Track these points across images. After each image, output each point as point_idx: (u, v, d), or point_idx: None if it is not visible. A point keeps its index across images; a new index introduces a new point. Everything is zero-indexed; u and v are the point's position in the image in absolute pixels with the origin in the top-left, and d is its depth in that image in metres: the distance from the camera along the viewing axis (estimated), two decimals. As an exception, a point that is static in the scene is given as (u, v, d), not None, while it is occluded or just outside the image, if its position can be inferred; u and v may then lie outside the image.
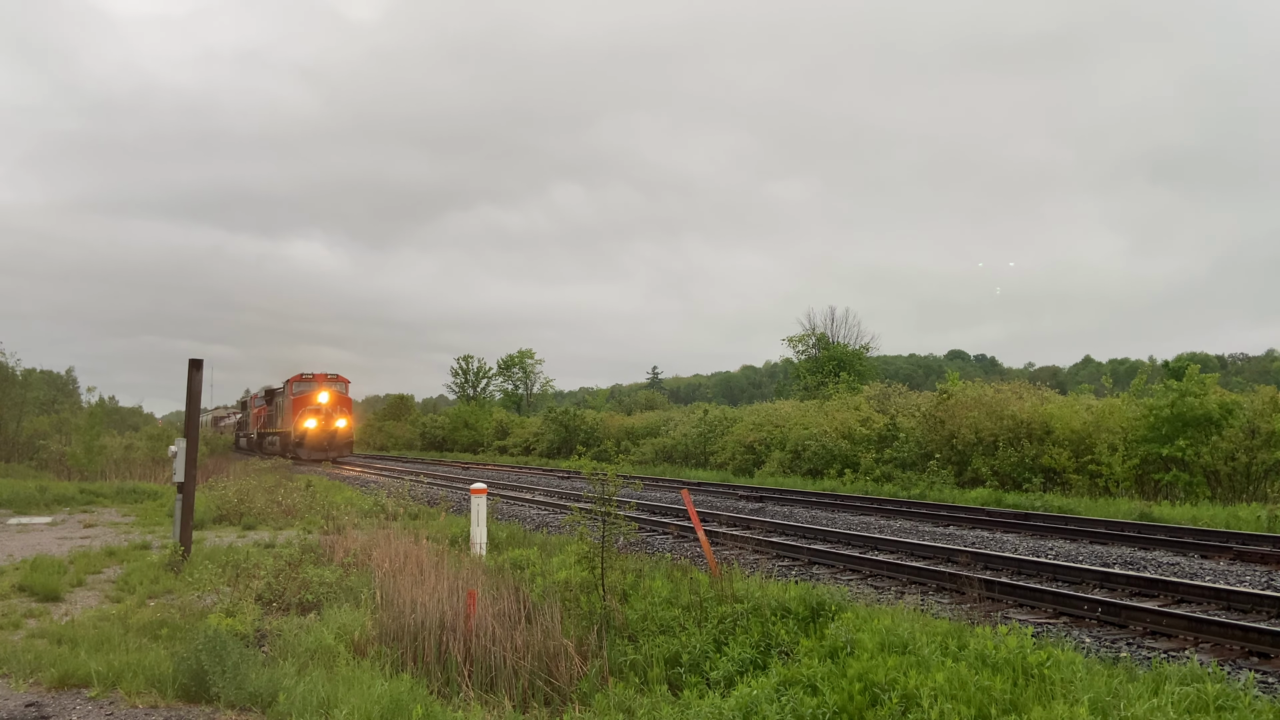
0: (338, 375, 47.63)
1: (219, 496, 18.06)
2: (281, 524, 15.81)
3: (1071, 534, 13.21)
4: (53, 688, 6.50)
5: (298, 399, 45.70)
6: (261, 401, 55.33)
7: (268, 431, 50.45)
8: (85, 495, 21.40)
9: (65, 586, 9.97)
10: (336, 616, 7.78)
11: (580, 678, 6.64)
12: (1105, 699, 5.08)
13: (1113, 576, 9.18)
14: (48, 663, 6.82)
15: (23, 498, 19.93)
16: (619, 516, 8.63)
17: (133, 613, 8.58)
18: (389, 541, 10.96)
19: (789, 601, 7.52)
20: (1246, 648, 6.86)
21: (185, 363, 12.08)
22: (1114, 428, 20.90)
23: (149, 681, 6.39)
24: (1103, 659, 6.22)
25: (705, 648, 6.88)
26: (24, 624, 8.36)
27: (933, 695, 5.14)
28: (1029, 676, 5.53)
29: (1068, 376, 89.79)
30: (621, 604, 8.26)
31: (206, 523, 15.76)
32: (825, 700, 5.35)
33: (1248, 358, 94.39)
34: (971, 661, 5.76)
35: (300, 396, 45.66)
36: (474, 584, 8.00)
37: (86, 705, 6.16)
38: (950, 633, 6.50)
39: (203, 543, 12.87)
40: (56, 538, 14.57)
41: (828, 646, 6.44)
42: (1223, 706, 5.03)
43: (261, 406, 57.40)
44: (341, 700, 5.60)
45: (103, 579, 10.80)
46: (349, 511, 15.70)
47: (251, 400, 59.73)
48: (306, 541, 12.12)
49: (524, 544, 12.34)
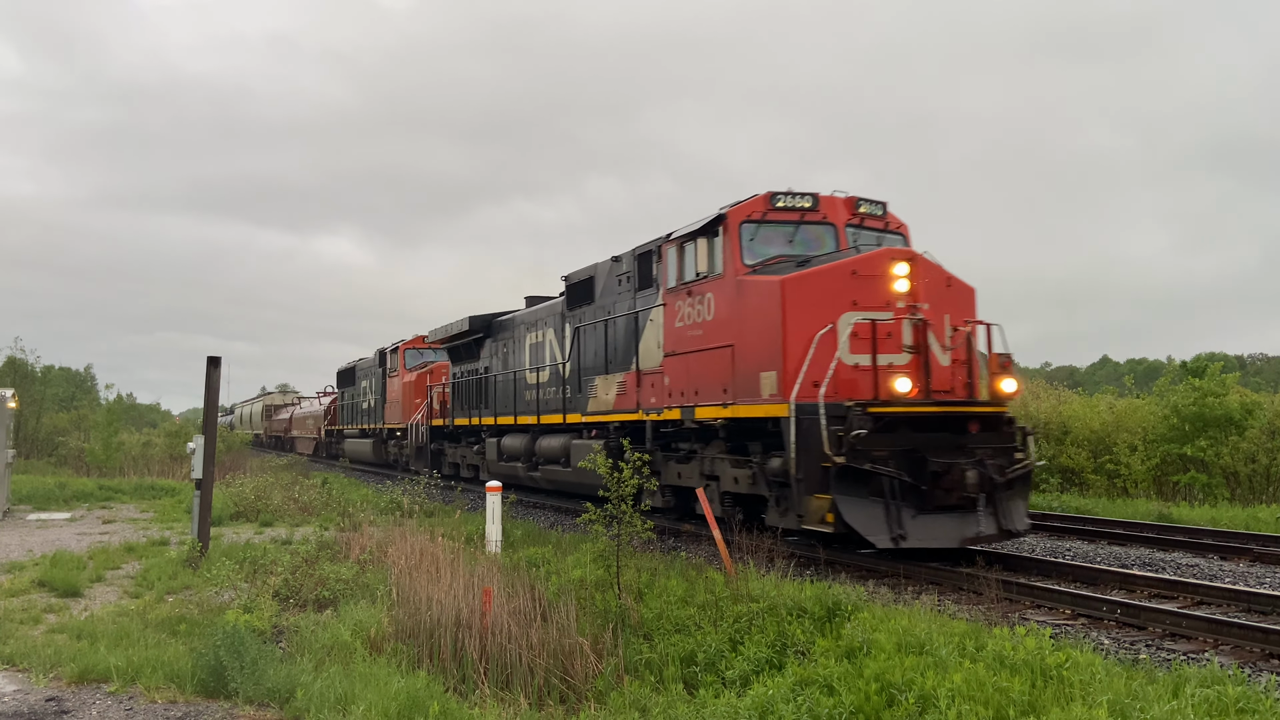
0: None
1: (236, 493, 18.17)
2: (298, 521, 15.88)
3: (1089, 535, 13.13)
4: (72, 682, 6.55)
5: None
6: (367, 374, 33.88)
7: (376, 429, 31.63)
8: (104, 491, 21.56)
9: (84, 582, 10.05)
10: (353, 613, 7.82)
11: (596, 676, 6.65)
12: (1124, 701, 5.04)
13: (1132, 578, 9.12)
14: (67, 658, 6.88)
15: (42, 494, 20.10)
16: (634, 515, 8.63)
17: (151, 608, 8.65)
18: (405, 539, 10.99)
19: (805, 601, 7.50)
20: (1267, 650, 6.79)
21: (204, 359, 12.15)
22: (1133, 427, 20.75)
23: (168, 677, 6.43)
24: (1121, 660, 6.17)
25: (721, 647, 6.86)
26: (44, 619, 8.43)
27: (950, 696, 5.11)
28: (1047, 678, 5.49)
29: (1084, 376, 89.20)
30: (637, 602, 8.26)
31: (224, 519, 15.85)
32: (841, 700, 5.33)
33: (1267, 358, 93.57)
34: (989, 662, 5.73)
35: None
36: (489, 581, 8.02)
37: (106, 700, 6.21)
38: (968, 633, 6.46)
39: (220, 539, 12.95)
40: (76, 533, 14.68)
41: (844, 646, 6.41)
42: (1244, 709, 4.98)
43: (333, 397, 41.14)
44: (359, 696, 5.63)
45: (121, 575, 10.88)
46: (365, 509, 15.78)
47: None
48: (323, 538, 12.19)
49: (539, 542, 12.35)
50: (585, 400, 15.76)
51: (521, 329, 19.73)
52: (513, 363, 19.92)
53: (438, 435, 25.16)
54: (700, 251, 12.14)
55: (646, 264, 14.14)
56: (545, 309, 18.78)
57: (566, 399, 16.58)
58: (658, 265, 13.67)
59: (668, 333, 12.99)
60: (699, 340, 12.22)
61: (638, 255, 14.37)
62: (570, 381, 16.48)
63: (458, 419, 23.35)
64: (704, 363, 12.08)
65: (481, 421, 21.39)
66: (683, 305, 12.66)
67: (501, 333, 21.05)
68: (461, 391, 23.45)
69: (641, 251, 14.26)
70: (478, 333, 22.07)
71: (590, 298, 16.11)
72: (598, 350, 15.49)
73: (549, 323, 18.24)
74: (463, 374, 23.49)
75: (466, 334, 22.57)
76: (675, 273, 12.95)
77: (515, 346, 20.02)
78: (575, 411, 16.18)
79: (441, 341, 24.69)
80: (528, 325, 19.42)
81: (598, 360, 15.43)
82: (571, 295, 16.82)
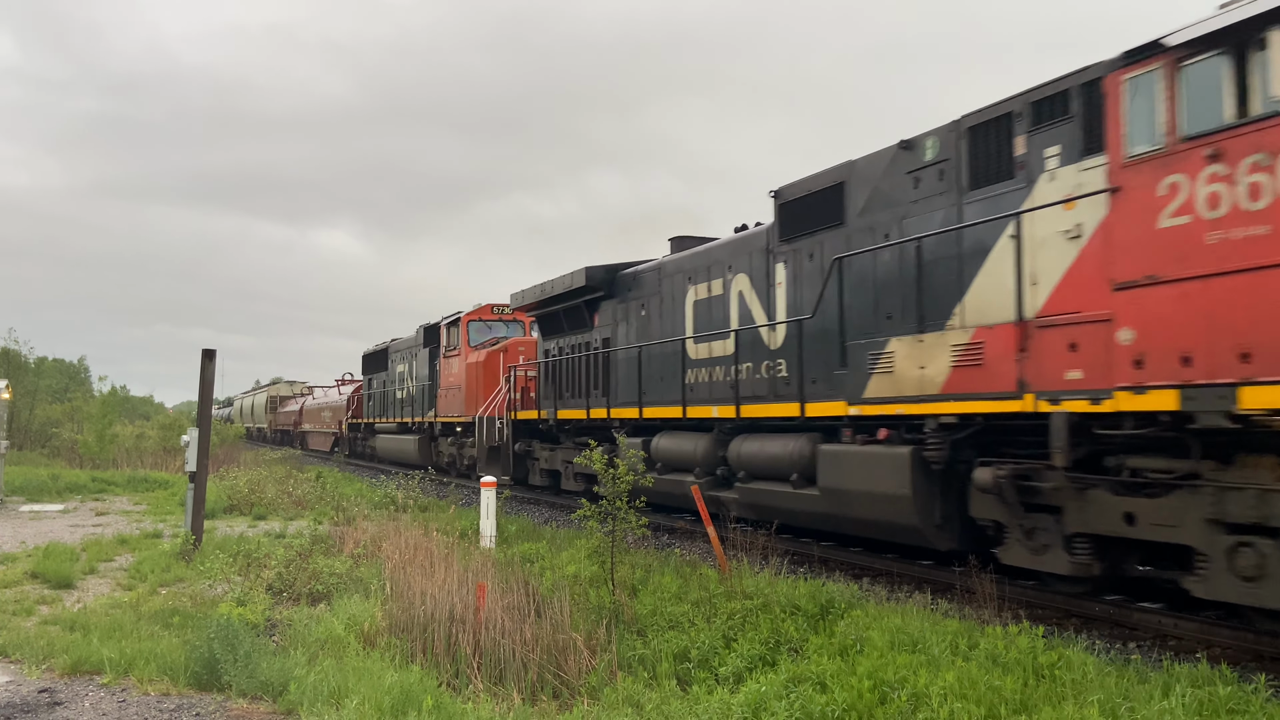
0: None
1: (230, 486, 18.15)
2: (292, 514, 15.88)
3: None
4: (65, 674, 6.54)
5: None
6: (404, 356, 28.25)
7: (422, 423, 25.87)
8: (97, 483, 21.51)
9: (77, 574, 10.03)
10: (346, 607, 7.81)
11: (589, 671, 6.65)
12: (1116, 700, 5.07)
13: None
14: (60, 649, 6.87)
15: (35, 485, 20.06)
16: (629, 512, 8.63)
17: (144, 601, 8.64)
18: (399, 533, 11.01)
19: (799, 599, 7.52)
20: (1259, 651, 6.80)
21: (198, 352, 12.13)
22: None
23: (161, 669, 6.42)
24: (1113, 660, 6.20)
25: (714, 644, 6.88)
26: (37, 611, 8.42)
27: (943, 694, 5.14)
28: (1039, 677, 5.52)
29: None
30: (631, 599, 8.28)
31: (218, 512, 15.84)
32: (834, 698, 5.34)
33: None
34: (982, 661, 5.76)
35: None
36: (483, 577, 8.03)
37: (99, 692, 6.20)
38: (960, 632, 6.49)
39: (214, 532, 12.93)
40: (69, 525, 14.66)
41: (837, 644, 6.44)
42: (1234, 710, 5.01)
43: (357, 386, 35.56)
44: (352, 690, 5.63)
45: (114, 567, 10.87)
46: (359, 503, 15.78)
47: None
48: (317, 532, 12.19)
49: (534, 538, 12.36)
50: (855, 380, 9.73)
51: (678, 280, 13.96)
52: (660, 328, 14.32)
53: (523, 432, 18.89)
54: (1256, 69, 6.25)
55: (998, 138, 8.61)
56: (726, 247, 13.05)
57: (805, 378, 10.74)
58: (1044, 132, 8.08)
59: (1127, 242, 7.04)
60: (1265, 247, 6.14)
61: (979, 126, 8.82)
62: (812, 350, 10.73)
63: (558, 410, 17.15)
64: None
65: (614, 414, 14.94)
66: (1192, 183, 6.61)
67: (633, 290, 15.33)
68: (562, 373, 17.33)
69: (993, 116, 8.67)
70: (592, 292, 16.26)
71: (838, 216, 10.68)
72: (887, 295, 9.80)
73: (737, 266, 12.52)
74: (562, 350, 17.68)
75: (573, 294, 16.73)
76: (1160, 121, 6.86)
77: (663, 307, 14.37)
78: (828, 399, 10.31)
79: (532, 307, 18.90)
80: (692, 273, 13.59)
81: (890, 310, 9.74)
82: (793, 217, 11.42)
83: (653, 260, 15.25)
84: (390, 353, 30.62)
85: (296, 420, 47.59)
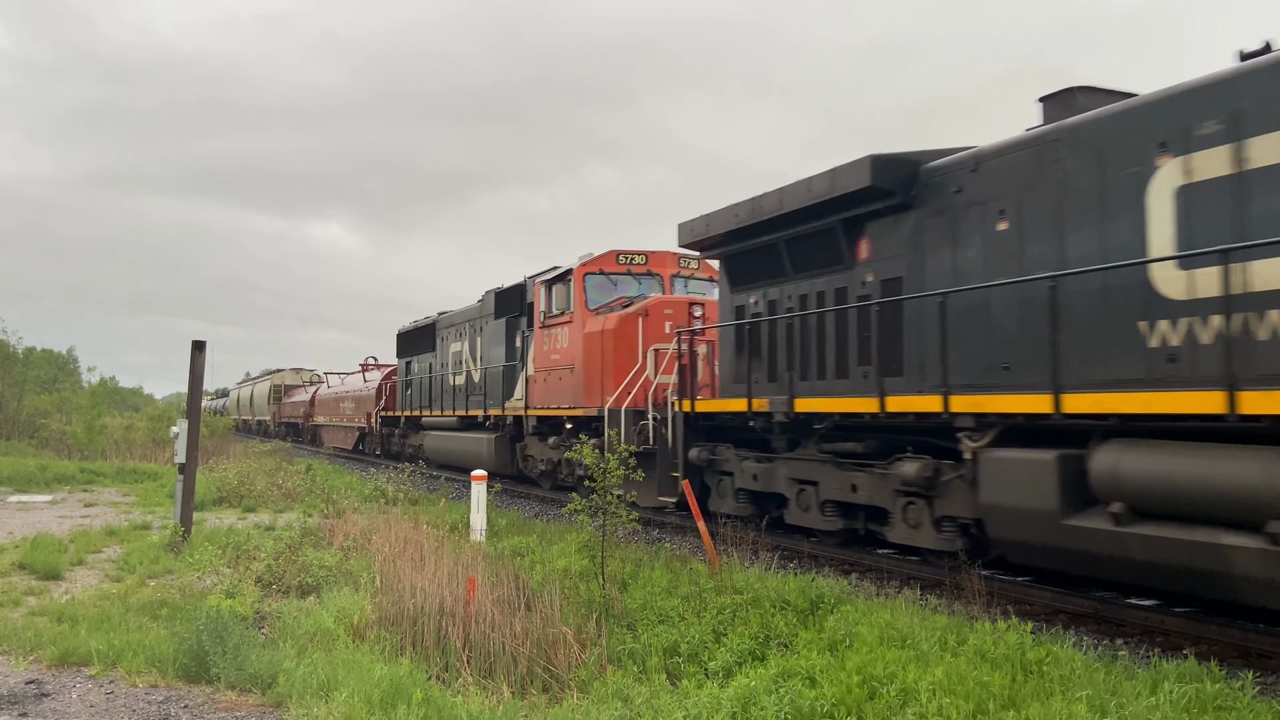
0: None
1: (219, 478, 18.08)
2: (282, 507, 15.83)
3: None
4: (53, 665, 6.51)
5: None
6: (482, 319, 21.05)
7: (498, 419, 19.43)
8: (86, 474, 21.44)
9: (65, 565, 9.99)
10: (336, 600, 7.80)
11: (579, 665, 6.66)
12: (1104, 696, 5.09)
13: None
14: (48, 640, 6.84)
15: (23, 476, 19.96)
16: (619, 506, 8.64)
17: (133, 592, 8.60)
18: (389, 526, 10.98)
19: (788, 594, 7.54)
20: (1246, 647, 6.85)
21: (189, 344, 12.07)
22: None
23: (149, 661, 6.40)
24: (1101, 656, 6.22)
25: (704, 638, 6.89)
26: (24, 602, 8.38)
27: (931, 689, 5.15)
28: (1028, 672, 5.54)
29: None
30: (621, 593, 8.28)
31: (207, 504, 15.79)
32: (824, 692, 5.35)
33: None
34: (970, 657, 5.77)
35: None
36: (474, 570, 8.02)
37: (87, 684, 6.17)
38: (949, 627, 6.52)
39: (203, 524, 12.89)
40: (57, 516, 14.59)
41: (827, 639, 6.45)
42: (1221, 706, 5.04)
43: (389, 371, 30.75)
44: (341, 683, 5.61)
45: (103, 558, 10.83)
46: (349, 496, 15.73)
47: None
48: (307, 525, 12.15)
49: (524, 531, 12.36)
50: None
51: (1116, 152, 7.65)
52: (1060, 249, 8.09)
53: (699, 431, 12.71)
54: None
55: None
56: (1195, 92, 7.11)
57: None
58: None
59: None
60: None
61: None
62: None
63: (756, 398, 11.36)
64: None
65: (957, 405, 8.60)
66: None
67: (969, 189, 9.06)
68: (795, 339, 11.33)
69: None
70: (871, 200, 9.91)
71: None
72: None
73: None
74: (781, 303, 11.65)
75: (826, 208, 10.42)
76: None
77: (1064, 208, 8.07)
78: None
79: (725, 239, 12.41)
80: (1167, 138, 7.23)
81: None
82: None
83: (970, 148, 9.30)
84: (439, 328, 24.68)
85: (307, 412, 41.62)
